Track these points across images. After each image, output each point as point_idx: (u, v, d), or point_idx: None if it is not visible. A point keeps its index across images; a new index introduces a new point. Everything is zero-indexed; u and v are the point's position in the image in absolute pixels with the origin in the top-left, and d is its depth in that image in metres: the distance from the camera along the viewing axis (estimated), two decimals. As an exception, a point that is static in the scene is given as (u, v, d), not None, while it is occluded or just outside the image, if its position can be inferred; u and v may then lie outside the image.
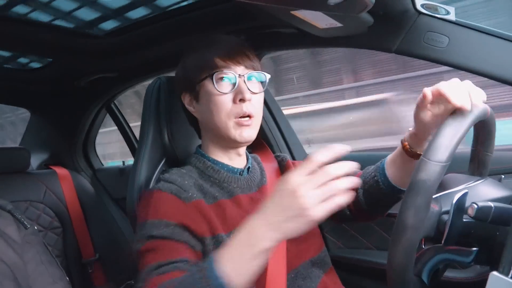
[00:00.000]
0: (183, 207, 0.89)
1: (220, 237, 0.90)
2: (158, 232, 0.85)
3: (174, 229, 0.86)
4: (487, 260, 0.71)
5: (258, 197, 1.02)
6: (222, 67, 0.95)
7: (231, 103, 0.95)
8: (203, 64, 0.97)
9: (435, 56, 1.05)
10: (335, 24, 1.03)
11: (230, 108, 0.94)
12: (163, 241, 0.85)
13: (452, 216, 0.65)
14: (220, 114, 0.95)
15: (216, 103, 0.95)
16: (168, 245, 0.84)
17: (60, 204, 1.90)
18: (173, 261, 0.81)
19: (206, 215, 0.90)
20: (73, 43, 1.49)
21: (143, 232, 0.87)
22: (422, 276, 0.72)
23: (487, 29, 1.00)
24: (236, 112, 0.95)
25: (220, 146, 1.02)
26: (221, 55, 0.96)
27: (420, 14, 1.06)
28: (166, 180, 0.94)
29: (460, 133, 0.66)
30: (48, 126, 2.22)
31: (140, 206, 0.94)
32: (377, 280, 1.30)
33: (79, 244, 1.90)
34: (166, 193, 0.91)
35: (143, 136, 1.12)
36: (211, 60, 0.96)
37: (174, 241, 0.85)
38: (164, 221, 0.86)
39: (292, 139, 1.69)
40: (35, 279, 0.99)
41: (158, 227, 0.86)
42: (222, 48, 0.97)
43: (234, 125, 0.95)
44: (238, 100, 0.94)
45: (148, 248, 0.85)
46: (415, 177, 0.65)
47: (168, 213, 0.88)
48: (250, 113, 0.95)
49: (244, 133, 0.96)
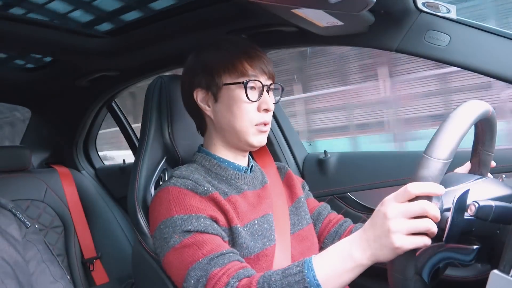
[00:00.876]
0: (202, 201, 0.90)
1: (235, 229, 0.91)
2: (192, 226, 0.85)
3: (205, 221, 0.87)
4: (488, 258, 0.72)
5: (263, 194, 1.05)
6: (252, 75, 0.97)
7: (256, 112, 0.98)
8: (231, 68, 0.97)
9: (436, 55, 1.05)
10: (336, 22, 1.03)
11: (254, 116, 0.98)
12: (201, 234, 0.85)
13: (453, 214, 0.64)
14: (243, 120, 0.98)
15: (241, 109, 0.97)
16: (208, 239, 0.85)
17: (61, 203, 1.90)
18: (224, 253, 0.82)
19: (223, 207, 0.91)
20: (74, 42, 1.49)
21: (175, 228, 0.86)
22: (423, 275, 0.72)
23: (488, 27, 1.00)
24: (258, 120, 0.98)
25: (230, 146, 1.03)
26: (248, 61, 0.98)
27: (421, 12, 1.05)
28: (179, 176, 0.94)
29: (461, 130, 0.66)
30: (49, 125, 2.22)
31: (157, 203, 0.93)
32: (378, 278, 1.30)
33: (80, 242, 1.90)
34: (183, 189, 0.91)
35: (144, 135, 1.12)
36: (242, 67, 0.97)
37: (211, 234, 0.86)
38: (193, 215, 0.87)
39: (293, 138, 1.69)
40: (37, 277, 1.00)
41: (189, 221, 0.86)
42: (249, 54, 0.99)
43: (255, 131, 0.99)
44: (263, 109, 0.98)
45: (187, 244, 0.84)
46: (417, 174, 0.65)
47: (193, 207, 0.88)
48: (269, 121, 1.00)
49: (261, 139, 1.01)
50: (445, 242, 0.67)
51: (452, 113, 0.69)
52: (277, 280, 0.74)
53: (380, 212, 0.68)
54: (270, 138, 1.61)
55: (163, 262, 0.90)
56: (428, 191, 0.64)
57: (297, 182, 1.16)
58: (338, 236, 1.13)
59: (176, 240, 0.85)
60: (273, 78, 1.02)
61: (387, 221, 0.66)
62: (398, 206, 0.66)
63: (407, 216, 0.65)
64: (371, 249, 0.69)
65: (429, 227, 0.64)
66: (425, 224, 0.64)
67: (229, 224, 0.91)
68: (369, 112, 3.15)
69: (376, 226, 0.68)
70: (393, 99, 2.96)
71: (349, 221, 1.17)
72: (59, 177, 1.98)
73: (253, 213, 0.98)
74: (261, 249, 0.93)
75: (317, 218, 1.16)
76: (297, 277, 0.73)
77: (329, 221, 1.16)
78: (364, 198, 1.49)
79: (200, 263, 0.81)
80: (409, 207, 0.65)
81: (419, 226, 0.64)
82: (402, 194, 0.66)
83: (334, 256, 0.73)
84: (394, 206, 0.66)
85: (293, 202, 1.11)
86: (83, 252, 1.90)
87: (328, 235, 1.14)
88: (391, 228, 0.65)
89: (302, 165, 1.67)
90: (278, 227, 1.00)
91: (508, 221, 0.66)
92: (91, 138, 2.28)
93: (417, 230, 0.65)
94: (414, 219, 0.65)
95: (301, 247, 1.03)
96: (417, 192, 0.64)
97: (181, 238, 0.85)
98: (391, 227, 0.65)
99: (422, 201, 0.64)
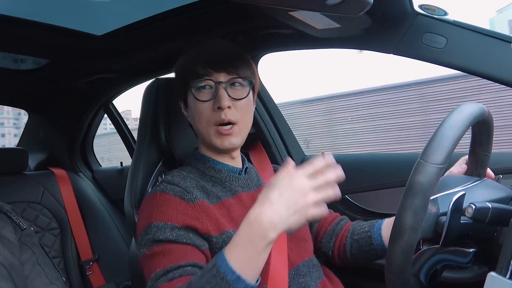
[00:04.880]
0: (188, 208, 0.90)
1: (228, 233, 0.91)
2: (164, 235, 0.85)
3: (180, 231, 0.86)
4: (485, 260, 0.72)
5: (258, 196, 1.03)
6: (203, 75, 0.95)
7: (210, 111, 0.95)
8: (187, 72, 0.98)
9: (433, 57, 1.05)
10: (333, 25, 1.03)
11: (209, 116, 0.95)
12: (170, 244, 0.85)
13: (450, 218, 0.65)
14: (201, 122, 0.96)
15: (197, 111, 0.96)
16: (175, 249, 0.84)
17: (57, 205, 1.90)
18: (181, 265, 0.82)
19: (211, 215, 0.91)
20: (71, 44, 1.49)
21: (149, 236, 0.87)
22: (420, 277, 0.72)
23: (484, 29, 1.00)
24: (215, 120, 0.94)
25: (212, 150, 1.02)
26: (203, 62, 0.96)
27: (418, 15, 1.06)
28: (169, 182, 0.94)
29: (457, 134, 0.66)
30: (46, 127, 2.21)
31: (144, 208, 0.94)
32: (375, 281, 1.30)
33: (77, 245, 1.89)
34: (170, 195, 0.91)
35: (141, 137, 1.12)
36: (194, 68, 0.96)
37: (181, 244, 0.85)
38: (169, 224, 0.86)
39: (290, 140, 1.69)
40: (32, 280, 0.99)
41: (163, 230, 0.86)
42: (205, 55, 0.98)
43: (215, 133, 0.96)
44: (216, 108, 0.94)
45: (154, 252, 0.85)
46: (413, 179, 0.65)
47: (173, 215, 0.88)
48: (230, 120, 0.94)
49: (225, 142, 0.96)
50: (442, 245, 0.67)
51: (447, 117, 0.69)
52: (196, 281, 0.73)
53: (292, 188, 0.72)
54: (267, 140, 1.61)
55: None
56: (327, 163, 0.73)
57: None
58: (335, 234, 1.13)
59: (147, 248, 0.87)
60: (238, 74, 0.96)
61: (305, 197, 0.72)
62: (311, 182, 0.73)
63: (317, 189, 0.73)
64: (286, 224, 0.72)
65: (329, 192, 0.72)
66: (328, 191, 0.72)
67: (219, 229, 0.90)
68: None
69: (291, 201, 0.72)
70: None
71: (346, 219, 1.17)
72: (56, 179, 1.98)
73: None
74: None
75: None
76: (212, 272, 0.72)
77: (325, 220, 1.16)
78: (361, 200, 1.49)
79: (157, 274, 0.82)
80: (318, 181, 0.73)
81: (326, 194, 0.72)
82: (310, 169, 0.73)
83: (244, 240, 0.73)
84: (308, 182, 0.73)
85: None
86: (80, 255, 1.89)
87: (325, 234, 1.15)
88: (309, 203, 0.71)
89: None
90: None
91: (505, 223, 0.66)
92: (88, 140, 2.27)
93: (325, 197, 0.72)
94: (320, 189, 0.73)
95: (298, 248, 1.03)
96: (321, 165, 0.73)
97: (151, 246, 0.86)
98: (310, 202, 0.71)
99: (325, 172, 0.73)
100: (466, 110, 0.70)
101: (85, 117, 2.11)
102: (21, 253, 1.01)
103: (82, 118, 2.11)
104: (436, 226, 0.66)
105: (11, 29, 1.32)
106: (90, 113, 2.11)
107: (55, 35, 1.41)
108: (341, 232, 1.13)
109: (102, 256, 1.93)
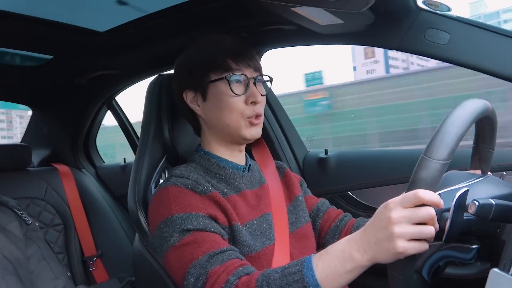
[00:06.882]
0: (202, 199, 0.91)
1: (236, 227, 0.91)
2: (191, 225, 0.86)
3: (205, 220, 0.87)
4: (488, 257, 0.72)
5: (261, 193, 1.05)
6: (235, 69, 0.97)
7: (244, 105, 0.98)
8: (214, 65, 0.98)
9: (436, 53, 1.05)
10: (336, 21, 1.03)
11: (243, 109, 0.98)
12: (201, 232, 0.85)
13: (453, 214, 0.64)
14: (232, 114, 0.98)
15: (229, 104, 0.97)
16: (207, 237, 0.85)
17: (61, 201, 1.90)
18: (223, 250, 0.83)
19: (223, 206, 0.92)
20: (74, 40, 1.49)
21: (175, 227, 0.87)
22: (423, 273, 0.72)
23: (488, 25, 1.00)
24: (249, 113, 0.98)
25: (225, 143, 1.03)
26: (232, 56, 0.98)
27: (421, 10, 1.05)
28: (178, 175, 0.95)
29: (461, 130, 0.66)
30: (49, 123, 2.22)
31: (157, 203, 0.94)
32: (378, 276, 1.30)
33: (81, 241, 1.90)
34: (182, 188, 0.91)
35: (145, 133, 1.12)
36: (224, 62, 0.97)
37: (210, 232, 0.86)
38: (193, 214, 0.87)
39: (293, 136, 1.69)
40: (37, 274, 1.00)
41: (189, 220, 0.86)
42: (232, 49, 0.99)
43: (247, 124, 0.99)
44: (250, 102, 0.98)
45: (187, 241, 0.85)
46: (416, 175, 0.65)
47: (193, 205, 0.88)
48: (259, 113, 0.99)
49: (253, 132, 1.00)
50: (445, 242, 0.67)
51: (451, 113, 0.69)
52: (276, 279, 0.74)
53: (383, 215, 0.67)
54: (270, 136, 1.61)
55: (163, 261, 0.90)
56: (438, 201, 0.64)
57: (294, 181, 1.16)
58: (339, 231, 1.13)
59: (176, 238, 0.86)
60: (260, 71, 1.02)
61: (392, 225, 0.65)
62: (404, 211, 0.65)
63: (412, 221, 0.64)
64: (372, 251, 0.68)
65: (433, 233, 0.64)
66: (430, 230, 0.64)
67: (229, 222, 0.92)
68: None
69: (378, 228, 0.68)
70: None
71: (349, 215, 1.17)
72: (59, 176, 1.99)
73: (252, 213, 0.99)
74: (261, 248, 0.94)
75: (316, 214, 1.16)
76: (296, 276, 0.73)
77: (328, 216, 1.16)
78: (364, 197, 1.49)
79: (200, 261, 0.82)
80: (417, 213, 0.64)
81: (424, 232, 0.64)
82: (411, 199, 0.64)
83: (334, 256, 0.73)
84: (400, 211, 0.65)
85: (291, 201, 1.11)
86: (83, 251, 1.90)
87: (329, 231, 1.15)
88: (395, 233, 0.65)
89: (302, 164, 1.67)
90: (277, 226, 1.01)
91: (508, 220, 0.66)
92: (91, 136, 2.28)
93: (421, 236, 0.64)
94: (418, 225, 0.64)
95: (300, 245, 1.03)
96: (427, 200, 0.63)
97: (180, 236, 0.85)
98: (396, 231, 0.65)
99: (430, 208, 0.64)
100: (470, 106, 0.70)
101: (88, 113, 2.12)
102: (26, 247, 1.02)
103: (85, 114, 2.12)
104: (439, 222, 0.66)
105: (14, 26, 1.32)
106: (93, 109, 2.11)
107: (58, 31, 1.41)
108: (345, 228, 1.13)
109: (106, 252, 1.94)
